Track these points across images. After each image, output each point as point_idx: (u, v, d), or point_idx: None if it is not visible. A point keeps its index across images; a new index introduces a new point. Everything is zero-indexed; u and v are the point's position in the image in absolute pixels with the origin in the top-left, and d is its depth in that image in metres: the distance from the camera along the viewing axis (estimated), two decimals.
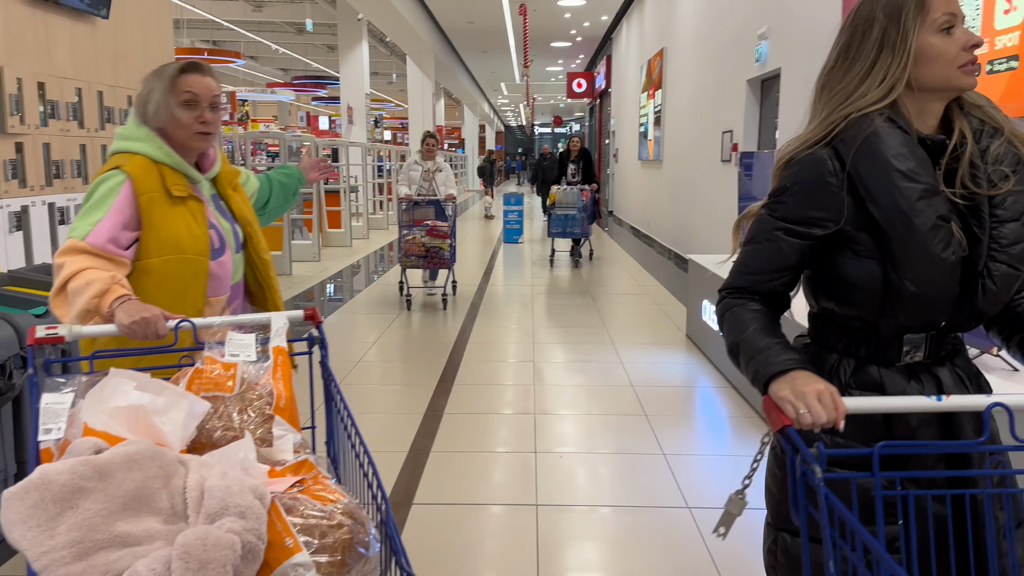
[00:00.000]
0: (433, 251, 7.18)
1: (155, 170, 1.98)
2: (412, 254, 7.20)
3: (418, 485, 3.38)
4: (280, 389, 1.47)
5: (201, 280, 2.00)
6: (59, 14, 5.20)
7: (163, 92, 1.98)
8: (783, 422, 1.22)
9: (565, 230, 10.17)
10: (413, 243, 7.19)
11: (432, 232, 7.21)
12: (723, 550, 2.83)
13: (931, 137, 1.39)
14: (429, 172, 7.74)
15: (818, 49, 5.60)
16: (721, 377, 5.01)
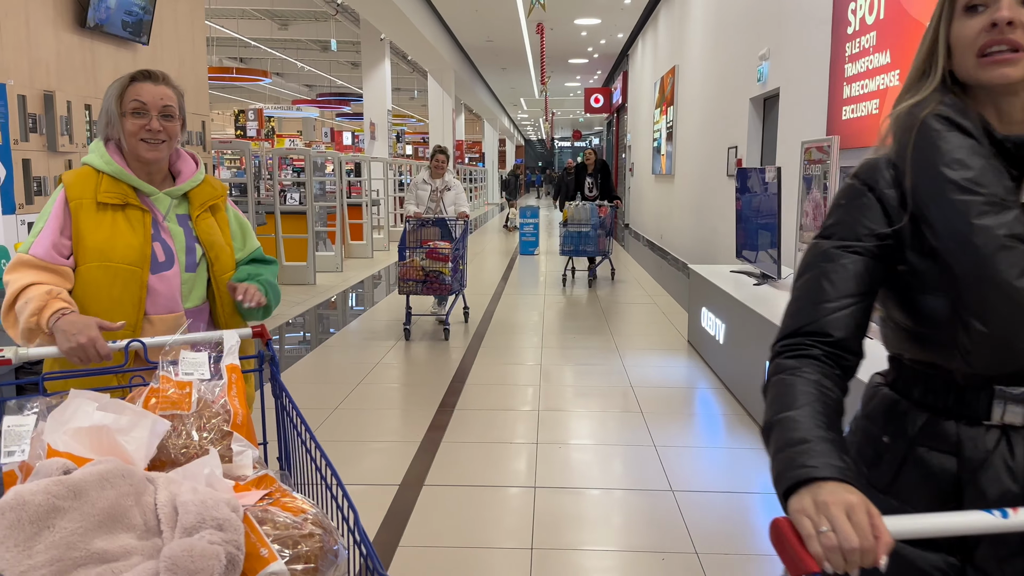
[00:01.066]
0: (433, 276, 6.50)
1: (93, 179, 1.95)
2: (410, 279, 6.52)
3: (428, 469, 3.73)
4: (236, 406, 1.50)
5: (132, 292, 1.93)
6: (104, 42, 5.66)
7: (112, 101, 1.96)
8: (802, 565, 0.90)
9: (577, 248, 9.68)
10: (411, 267, 6.52)
11: (432, 255, 6.54)
12: (701, 527, 3.14)
13: (1012, 138, 1.12)
14: (437, 192, 7.32)
15: (813, 69, 5.94)
16: (717, 380, 5.32)
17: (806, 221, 4.60)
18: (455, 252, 6.64)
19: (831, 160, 4.26)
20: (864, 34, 5.02)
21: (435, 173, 7.35)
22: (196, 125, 7.08)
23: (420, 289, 6.55)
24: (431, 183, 7.34)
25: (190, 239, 2.04)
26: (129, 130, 1.95)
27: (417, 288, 6.54)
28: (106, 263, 1.90)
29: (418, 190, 7.34)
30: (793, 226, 5.74)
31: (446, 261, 6.52)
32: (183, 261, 2.02)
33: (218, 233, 2.10)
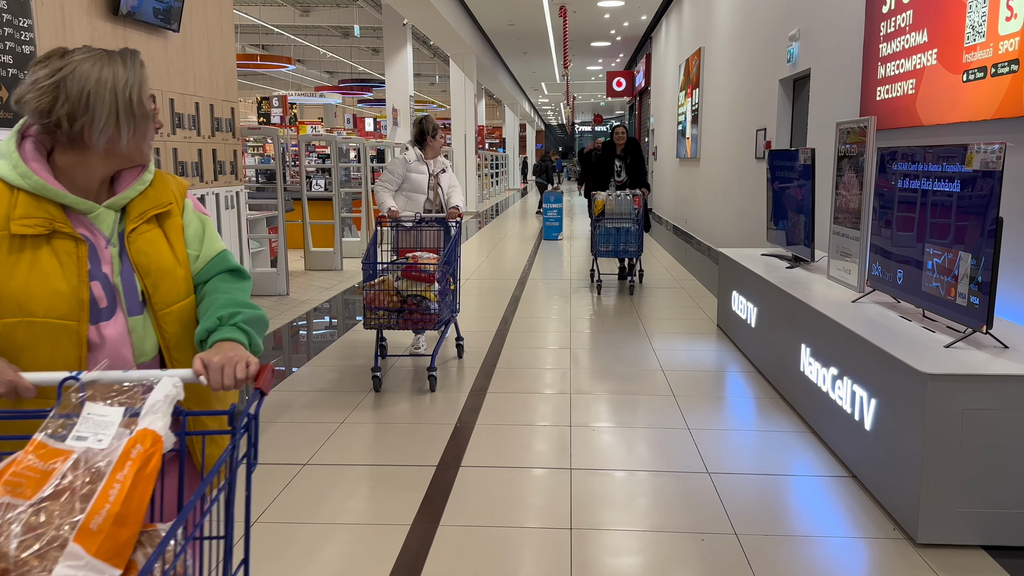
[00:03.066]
0: (411, 302, 4.65)
1: (7, 199, 1.45)
2: (380, 307, 4.67)
3: (466, 449, 3.76)
4: (109, 497, 1.07)
5: (67, 352, 1.46)
6: (137, 29, 5.70)
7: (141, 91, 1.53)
8: None
9: (618, 248, 8.01)
10: (382, 291, 4.65)
11: (410, 273, 4.64)
12: (739, 509, 3.15)
13: None
14: (435, 177, 5.53)
15: (845, 50, 5.87)
16: (748, 363, 5.30)
17: (841, 203, 4.55)
18: (444, 268, 4.81)
19: (868, 141, 4.21)
20: (900, 13, 4.95)
21: (431, 153, 5.55)
22: (225, 112, 7.13)
23: (395, 321, 4.69)
24: (428, 165, 5.50)
25: (127, 269, 1.54)
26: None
27: (391, 320, 4.69)
28: (28, 319, 1.43)
29: (411, 173, 5.44)
30: (827, 208, 5.70)
31: (429, 281, 4.65)
32: (124, 303, 1.52)
33: (159, 252, 1.57)
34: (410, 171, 5.45)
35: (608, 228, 8.03)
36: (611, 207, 8.02)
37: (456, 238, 5.11)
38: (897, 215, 3.79)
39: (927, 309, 3.50)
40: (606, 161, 8.82)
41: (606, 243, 8.05)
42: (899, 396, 3.02)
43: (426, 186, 5.48)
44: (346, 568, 2.74)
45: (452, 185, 5.53)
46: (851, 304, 4.06)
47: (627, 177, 8.74)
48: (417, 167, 5.47)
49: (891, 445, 3.09)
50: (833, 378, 3.72)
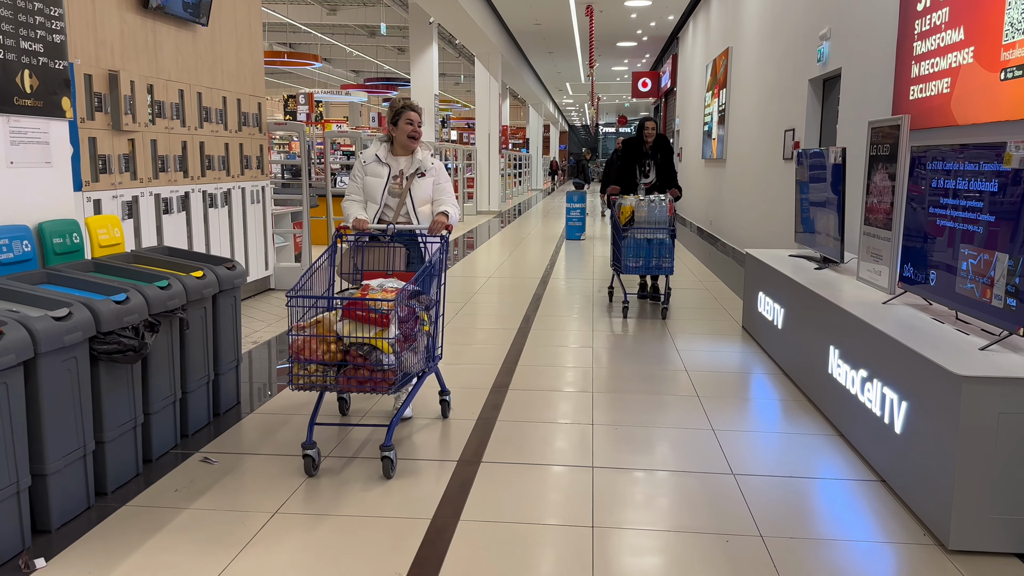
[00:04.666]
0: (356, 354, 3.31)
1: None
2: (312, 359, 3.33)
3: (487, 445, 3.73)
4: None
5: None
6: (166, 22, 5.74)
7: None
8: None
9: (649, 263, 6.75)
10: (316, 336, 3.35)
11: (353, 311, 3.32)
12: (765, 511, 3.09)
13: None
14: (402, 179, 4.11)
15: (877, 49, 5.78)
16: (774, 365, 5.23)
17: (872, 203, 4.47)
18: (410, 303, 3.51)
19: (901, 141, 4.13)
20: (935, 10, 4.85)
21: (399, 148, 4.15)
22: (252, 107, 7.16)
23: (332, 380, 3.33)
24: (389, 164, 4.13)
25: None
26: None
27: (326, 378, 3.33)
28: None
29: (366, 177, 4.14)
30: (857, 209, 5.61)
31: (383, 324, 3.29)
32: None
33: None
34: (366, 173, 4.15)
35: (637, 239, 6.74)
36: (641, 214, 6.76)
37: (437, 262, 3.86)
38: (930, 215, 3.71)
39: (961, 311, 3.42)
40: (631, 161, 7.46)
41: (635, 257, 6.77)
42: (932, 399, 2.95)
43: (380, 194, 4.06)
44: None
45: (442, 187, 4.18)
46: (882, 306, 3.98)
47: (656, 179, 7.39)
48: (374, 169, 4.12)
49: (923, 449, 3.02)
50: (863, 380, 3.65)
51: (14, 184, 3.51)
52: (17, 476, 2.70)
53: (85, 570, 2.64)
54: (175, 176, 5.90)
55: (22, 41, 3.47)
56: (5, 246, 3.32)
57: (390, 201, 4.12)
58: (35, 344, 2.72)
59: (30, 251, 3.45)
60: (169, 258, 3.98)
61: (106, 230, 4.06)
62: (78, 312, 2.93)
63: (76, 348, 2.94)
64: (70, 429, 2.95)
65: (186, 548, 2.79)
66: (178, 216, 5.94)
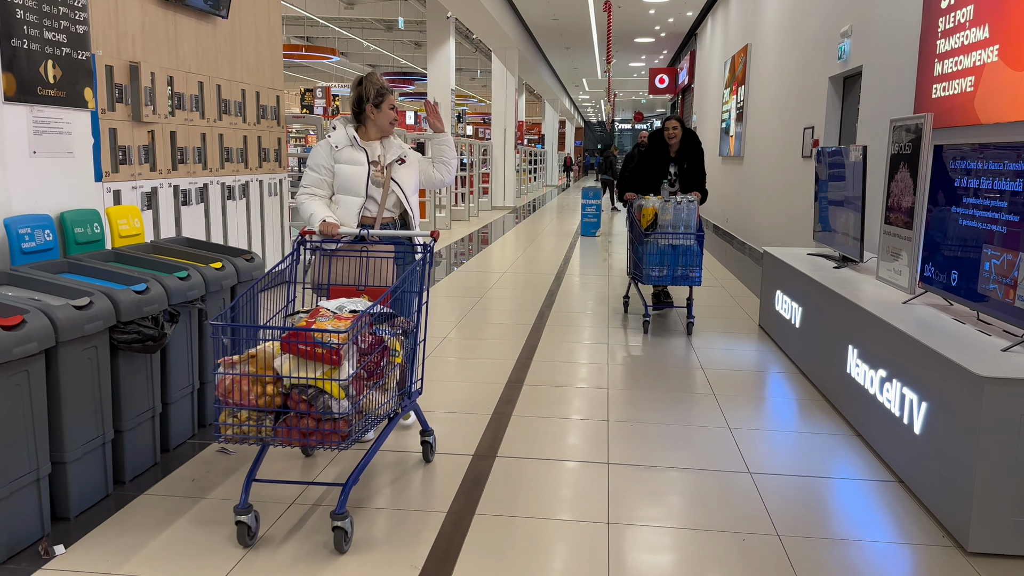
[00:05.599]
0: (300, 401, 2.62)
1: None
2: (244, 405, 2.64)
3: (502, 439, 3.73)
4: None
5: None
6: (186, 14, 5.76)
7: None
8: None
9: (675, 271, 5.94)
10: (248, 376, 2.65)
11: (293, 345, 2.64)
12: (782, 510, 3.07)
13: None
14: (380, 167, 3.63)
15: (899, 46, 5.72)
16: (791, 364, 5.19)
17: (893, 202, 4.43)
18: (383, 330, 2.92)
19: (923, 139, 4.09)
20: (959, 8, 4.80)
21: (375, 133, 3.65)
22: (271, 100, 7.18)
23: (267, 432, 2.66)
24: (366, 151, 3.60)
25: None
26: None
27: (260, 428, 2.66)
28: None
29: (339, 165, 3.58)
30: (877, 208, 5.57)
31: (333, 363, 2.62)
32: None
33: None
34: (337, 160, 3.56)
35: (660, 246, 5.92)
36: (666, 217, 5.95)
37: (416, 271, 3.25)
38: (952, 215, 3.67)
39: (982, 312, 3.39)
40: (655, 163, 6.51)
41: (659, 266, 5.92)
42: (953, 400, 2.93)
43: (363, 184, 3.53)
44: None
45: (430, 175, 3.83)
46: (902, 305, 3.95)
47: (679, 188, 6.47)
48: (349, 155, 3.56)
49: (942, 450, 3.00)
50: (881, 380, 3.62)
51: (37, 174, 3.54)
52: (38, 463, 2.73)
53: (103, 557, 2.66)
54: (194, 168, 5.93)
55: (46, 32, 3.50)
56: (28, 235, 3.35)
57: (374, 192, 3.59)
58: (56, 333, 2.74)
59: (52, 240, 3.48)
60: (188, 249, 4.00)
61: (126, 220, 4.09)
62: (99, 301, 2.95)
63: (96, 337, 2.96)
64: (90, 417, 2.97)
65: (202, 539, 2.81)
66: (196, 208, 5.97)
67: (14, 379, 2.60)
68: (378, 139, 3.67)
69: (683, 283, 5.98)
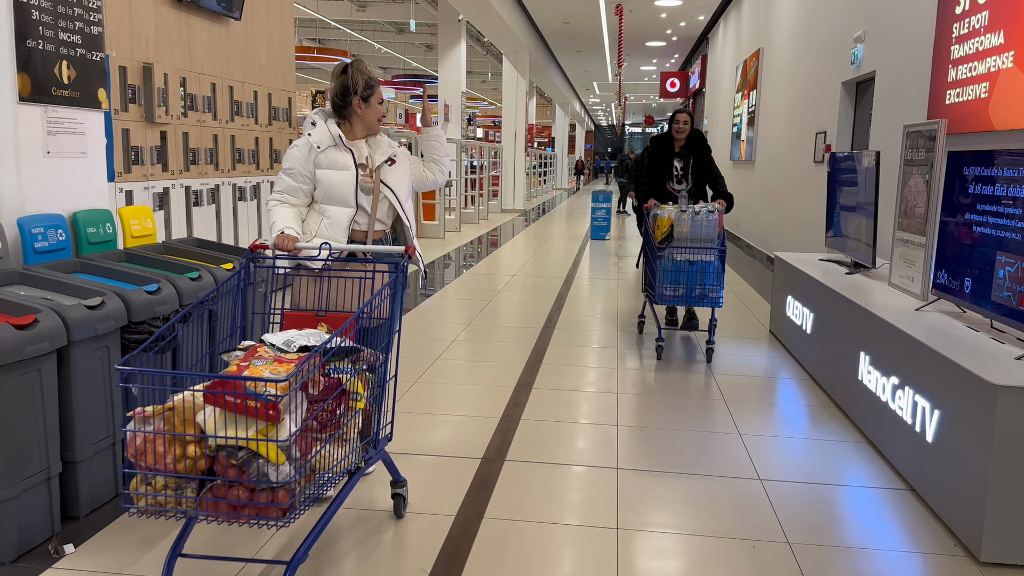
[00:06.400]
0: (229, 466, 2.08)
1: None
2: (159, 470, 2.09)
3: (510, 443, 3.72)
4: None
5: None
6: (200, 16, 5.79)
7: None
8: None
9: (691, 292, 5.32)
10: (164, 435, 2.08)
11: (218, 397, 2.08)
12: (792, 517, 3.05)
13: None
14: (369, 169, 3.16)
15: (913, 52, 5.69)
16: (802, 370, 5.17)
17: (906, 208, 4.40)
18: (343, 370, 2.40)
19: (937, 145, 4.06)
20: (975, 14, 4.77)
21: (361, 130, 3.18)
22: (283, 101, 7.21)
23: (189, 503, 2.12)
24: (353, 152, 3.13)
25: None
26: None
27: (180, 499, 2.12)
28: None
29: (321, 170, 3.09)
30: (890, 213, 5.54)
31: (268, 418, 2.07)
32: None
33: None
34: (319, 164, 3.08)
35: (676, 261, 5.31)
36: (682, 229, 5.34)
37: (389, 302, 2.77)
38: (966, 221, 3.65)
39: (996, 319, 3.36)
40: (660, 161, 5.95)
41: (673, 284, 5.31)
42: (966, 408, 2.90)
43: (352, 190, 3.07)
44: None
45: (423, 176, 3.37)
46: (914, 312, 3.92)
47: (691, 184, 5.88)
48: (333, 157, 3.08)
49: (955, 458, 2.97)
50: (894, 387, 3.59)
51: (50, 174, 3.56)
52: (48, 462, 2.74)
53: (113, 556, 2.67)
54: (206, 169, 5.95)
55: (61, 32, 3.52)
56: (40, 235, 3.37)
57: (363, 201, 3.10)
58: (68, 332, 2.75)
59: (64, 240, 3.50)
60: (200, 250, 4.02)
61: (138, 221, 4.10)
62: (111, 301, 2.97)
63: (108, 337, 2.97)
64: (101, 417, 2.98)
65: (211, 538, 2.81)
66: (207, 208, 5.99)
67: (26, 378, 2.61)
68: (364, 138, 3.19)
69: (701, 304, 5.30)
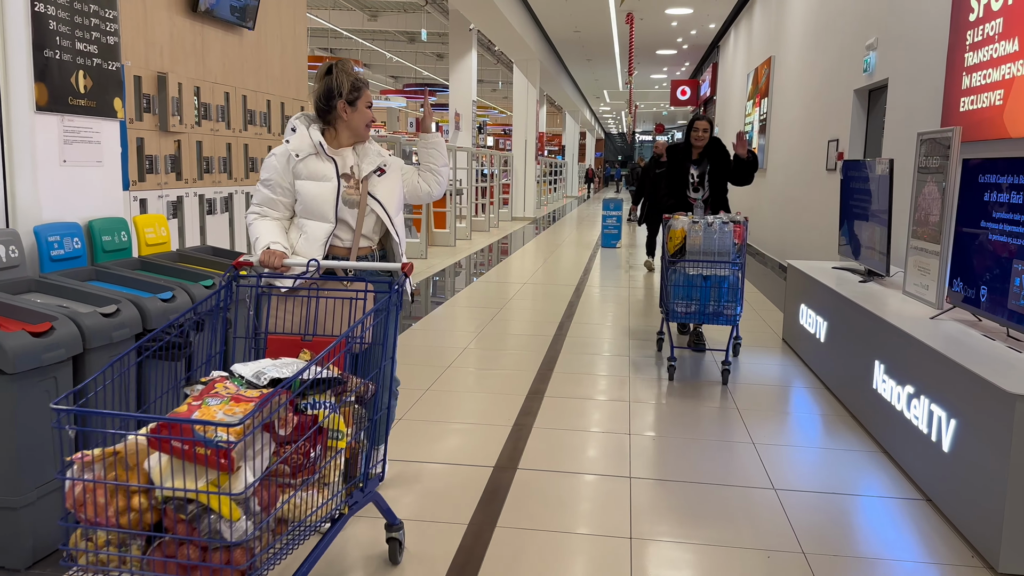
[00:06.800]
0: (178, 520, 1.80)
1: None
2: (100, 524, 1.81)
3: (522, 452, 3.71)
4: None
5: None
6: (214, 25, 5.83)
7: None
8: None
9: (704, 309, 5.01)
10: (104, 484, 1.82)
11: (165, 442, 1.81)
12: (807, 527, 3.03)
13: None
14: (355, 179, 2.91)
15: (926, 59, 5.67)
16: (815, 379, 5.14)
17: (920, 216, 4.38)
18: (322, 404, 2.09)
19: (952, 153, 4.04)
20: (989, 21, 4.75)
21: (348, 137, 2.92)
22: (296, 110, 7.24)
23: (135, 564, 1.82)
24: (335, 158, 2.88)
25: None
26: None
27: (127, 560, 1.83)
28: None
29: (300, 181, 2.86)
30: (904, 221, 5.51)
31: (221, 467, 1.80)
32: None
33: None
34: (298, 174, 2.83)
35: (690, 276, 4.97)
36: (695, 241, 5.01)
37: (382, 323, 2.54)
38: (981, 229, 3.62)
39: (1012, 328, 3.33)
40: (677, 170, 5.83)
41: (686, 300, 4.98)
42: (982, 417, 2.87)
43: (331, 204, 2.80)
44: None
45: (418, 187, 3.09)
46: (929, 321, 3.89)
47: (708, 192, 5.77)
48: (313, 167, 2.83)
49: (972, 468, 2.94)
50: (909, 397, 3.56)
51: (66, 182, 3.58)
52: None
53: None
54: (219, 177, 5.98)
55: (78, 43, 3.55)
56: (57, 243, 3.39)
57: (346, 215, 2.84)
58: (84, 339, 2.77)
59: (80, 248, 3.52)
60: (214, 258, 4.03)
61: (153, 229, 4.13)
62: (126, 309, 2.98)
63: (123, 344, 2.99)
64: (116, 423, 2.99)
65: None
66: (221, 217, 6.02)
67: (42, 384, 2.62)
68: (351, 145, 2.92)
69: (715, 321, 5.02)
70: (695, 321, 5.16)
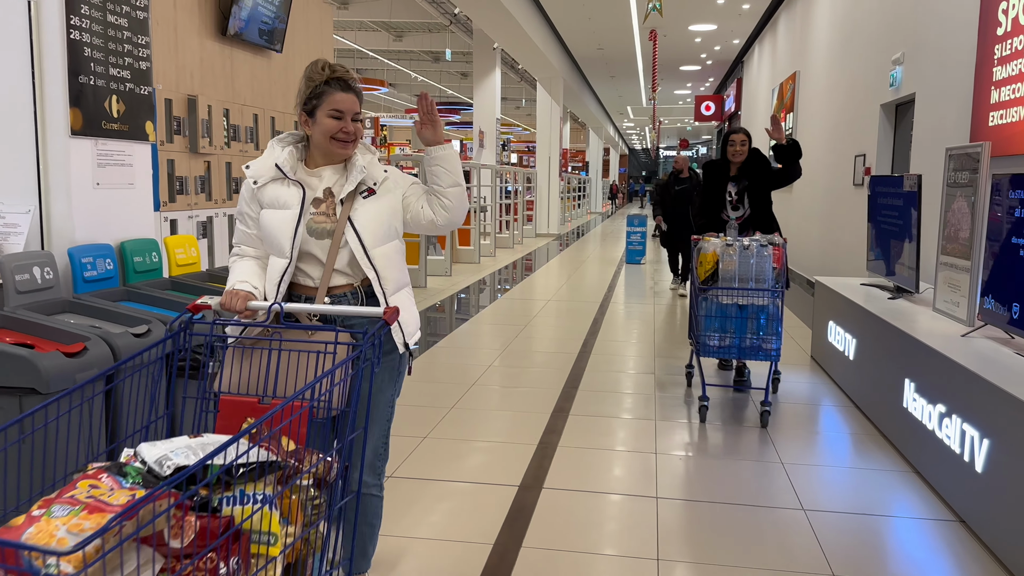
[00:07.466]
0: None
1: None
2: None
3: (547, 471, 3.70)
4: None
5: None
6: (243, 49, 5.94)
7: None
8: None
9: (741, 342, 4.53)
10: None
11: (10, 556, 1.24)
12: (837, 549, 2.99)
13: None
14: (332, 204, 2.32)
15: (954, 74, 5.62)
16: (845, 397, 5.07)
17: (950, 232, 4.33)
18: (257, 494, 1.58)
19: (982, 168, 3.99)
20: (1017, 35, 4.70)
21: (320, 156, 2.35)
22: None
23: None
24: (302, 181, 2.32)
25: None
26: None
27: None
28: None
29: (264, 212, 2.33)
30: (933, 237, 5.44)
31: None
32: None
33: None
34: (262, 203, 2.35)
35: (724, 306, 4.48)
36: (729, 266, 4.50)
37: (355, 379, 2.00)
38: (1012, 245, 3.57)
39: None
40: (713, 188, 5.32)
41: (720, 331, 4.47)
42: (1017, 436, 2.82)
43: (288, 234, 2.29)
44: None
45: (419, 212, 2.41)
46: (960, 338, 3.84)
47: (748, 210, 5.26)
48: (274, 194, 2.33)
49: (1006, 488, 2.89)
50: (940, 416, 3.51)
51: (99, 205, 3.66)
52: None
53: None
54: None
55: (111, 68, 3.63)
56: (90, 264, 3.46)
57: (313, 247, 2.30)
58: (116, 359, 2.81)
59: (112, 269, 3.59)
60: None
61: (183, 249, 4.19)
62: (156, 329, 3.03)
63: (154, 364, 3.03)
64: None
65: None
66: None
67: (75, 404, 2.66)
68: (328, 164, 2.36)
69: (752, 357, 4.51)
70: (728, 356, 4.67)
